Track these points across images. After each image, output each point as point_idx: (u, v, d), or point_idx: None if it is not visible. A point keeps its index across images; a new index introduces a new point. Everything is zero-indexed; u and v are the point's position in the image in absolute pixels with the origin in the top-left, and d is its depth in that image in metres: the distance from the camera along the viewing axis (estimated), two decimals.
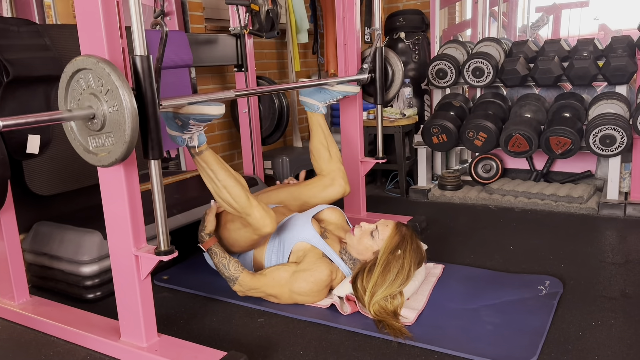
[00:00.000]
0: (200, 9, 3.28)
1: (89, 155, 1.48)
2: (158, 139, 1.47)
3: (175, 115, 1.69)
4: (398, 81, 2.78)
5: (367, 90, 2.81)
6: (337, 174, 2.42)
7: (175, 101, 1.62)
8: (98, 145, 1.45)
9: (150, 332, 1.67)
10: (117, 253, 1.62)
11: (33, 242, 2.23)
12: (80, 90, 1.43)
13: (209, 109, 1.67)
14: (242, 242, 2.03)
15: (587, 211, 3.00)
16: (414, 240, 1.97)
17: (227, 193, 1.86)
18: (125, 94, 1.34)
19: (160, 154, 1.49)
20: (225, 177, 1.85)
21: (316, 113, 2.50)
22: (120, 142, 1.38)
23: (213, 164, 1.84)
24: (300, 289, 1.93)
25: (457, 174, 3.49)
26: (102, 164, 1.45)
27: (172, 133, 1.74)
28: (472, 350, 1.63)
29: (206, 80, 3.39)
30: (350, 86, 2.56)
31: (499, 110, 3.43)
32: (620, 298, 1.96)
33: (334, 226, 2.20)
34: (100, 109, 1.39)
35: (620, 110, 3.01)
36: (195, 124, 1.71)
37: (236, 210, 1.89)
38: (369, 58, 2.68)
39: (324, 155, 2.44)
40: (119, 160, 1.42)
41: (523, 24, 7.33)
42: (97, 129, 1.42)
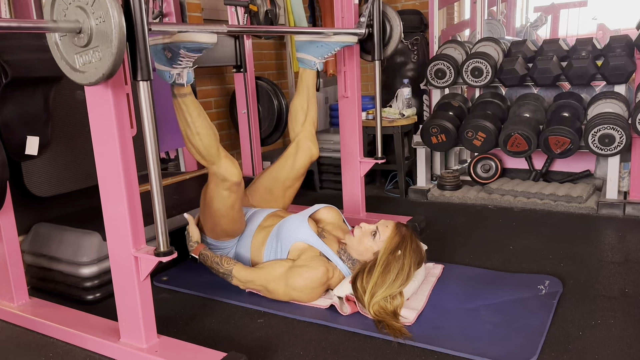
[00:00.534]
0: (199, 10, 3.28)
1: (75, 73, 1.43)
2: (147, 59, 1.44)
3: (165, 45, 1.67)
4: (396, 37, 2.71)
5: (365, 47, 2.75)
6: (304, 136, 2.41)
7: (165, 27, 1.60)
8: (85, 62, 1.40)
9: (149, 333, 1.67)
10: (117, 254, 1.62)
11: (32, 243, 2.23)
12: (67, 5, 1.39)
13: (200, 36, 1.64)
14: (221, 211, 2.01)
15: (587, 211, 3.01)
16: (413, 241, 1.97)
17: (199, 139, 1.87)
18: (112, 3, 1.30)
19: (148, 75, 1.45)
20: (201, 125, 1.87)
21: (307, 70, 2.47)
22: (107, 55, 1.34)
23: (193, 110, 1.85)
24: (295, 284, 1.93)
25: (456, 174, 3.49)
26: (89, 81, 1.40)
27: (160, 67, 1.73)
28: (471, 350, 1.62)
29: (205, 81, 3.39)
30: (347, 36, 2.49)
31: (498, 110, 3.43)
32: (620, 297, 1.96)
33: (331, 226, 2.20)
34: (87, 22, 1.35)
35: (619, 109, 3.01)
36: (186, 55, 1.68)
37: (203, 158, 1.91)
38: (365, 12, 2.62)
39: (300, 118, 2.44)
40: (106, 76, 1.37)
41: (522, 24, 7.34)
42: (83, 44, 1.38)
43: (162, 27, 1.59)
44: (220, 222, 2.05)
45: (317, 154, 2.44)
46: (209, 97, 3.53)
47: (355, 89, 2.78)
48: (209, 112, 3.50)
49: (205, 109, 3.08)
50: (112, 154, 1.52)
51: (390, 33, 2.72)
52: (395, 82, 3.99)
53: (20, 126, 1.96)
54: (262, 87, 3.38)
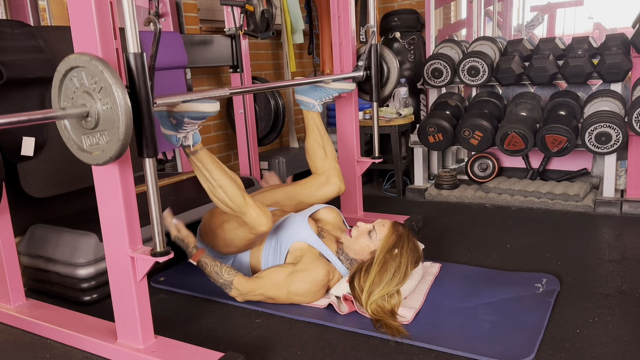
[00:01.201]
0: (195, 10, 3.28)
1: (83, 154, 1.47)
2: (152, 137, 1.46)
3: (170, 113, 1.69)
4: (394, 78, 2.77)
5: (363, 88, 2.81)
6: (332, 173, 2.41)
7: (169, 99, 1.62)
8: (92, 143, 1.44)
9: (147, 334, 1.66)
10: (113, 255, 1.62)
11: (29, 245, 2.22)
12: (74, 89, 1.42)
13: (204, 107, 1.67)
14: (238, 241, 2.02)
15: (584, 209, 3.01)
16: (410, 240, 1.97)
17: (222, 192, 1.85)
18: (119, 91, 1.33)
19: (155, 152, 1.48)
20: (220, 177, 1.85)
21: (312, 111, 2.50)
22: (114, 140, 1.38)
23: (208, 164, 1.83)
24: (298, 289, 1.93)
25: (453, 173, 3.50)
26: (97, 162, 1.44)
27: (166, 132, 1.74)
28: (469, 349, 1.62)
29: (202, 81, 3.39)
30: (346, 83, 2.56)
31: (495, 109, 3.43)
32: (617, 295, 1.97)
33: (330, 226, 2.20)
34: (94, 107, 1.39)
35: (615, 107, 3.01)
36: (190, 122, 1.70)
37: (232, 210, 1.88)
38: (364, 55, 2.68)
39: (319, 154, 2.44)
40: (113, 159, 1.41)
41: (518, 23, 7.35)
42: (91, 127, 1.41)
43: (166, 99, 1.60)
44: (230, 247, 2.07)
45: (344, 190, 2.43)
46: None
47: (352, 96, 2.78)
48: None
49: None
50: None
51: (388, 75, 2.80)
52: None
53: (16, 127, 1.95)
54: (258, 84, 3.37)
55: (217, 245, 2.12)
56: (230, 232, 2.02)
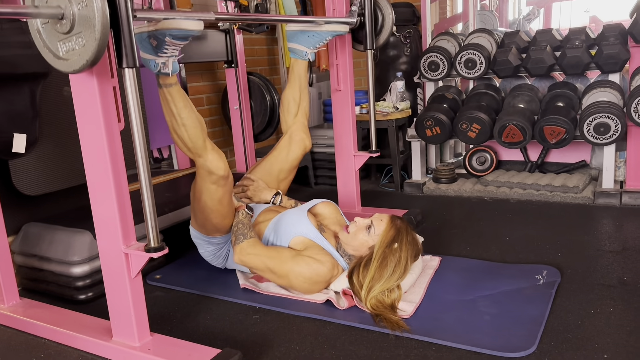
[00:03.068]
0: (189, 5, 3.24)
1: (59, 61, 1.41)
2: (131, 44, 1.40)
3: (150, 33, 1.63)
4: (388, 26, 2.68)
5: (357, 37, 2.72)
6: (297, 128, 2.39)
7: (150, 14, 1.56)
8: (68, 49, 1.37)
9: (142, 332, 1.64)
10: (107, 251, 1.59)
11: (22, 243, 2.20)
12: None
13: (186, 23, 1.61)
14: (210, 203, 1.95)
15: (583, 200, 2.99)
16: (409, 233, 1.94)
17: (184, 131, 1.83)
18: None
19: (134, 62, 1.42)
20: (187, 116, 1.82)
21: (299, 61, 2.44)
22: (90, 41, 1.31)
23: (179, 100, 1.80)
24: (300, 272, 1.89)
25: (451, 167, 3.47)
26: (74, 68, 1.37)
27: (145, 56, 1.69)
28: (470, 342, 1.60)
29: (196, 77, 3.36)
30: (339, 25, 2.46)
31: (492, 102, 3.41)
32: (619, 286, 1.95)
33: (329, 220, 2.17)
34: (69, 8, 1.33)
35: (613, 98, 2.99)
36: (171, 43, 1.64)
37: (189, 150, 1.87)
38: (357, 1, 2.58)
39: (292, 109, 2.42)
40: (90, 62, 1.34)
41: (514, 17, 7.33)
42: (66, 30, 1.35)
43: (147, 13, 1.55)
44: (209, 217, 2.01)
45: (310, 145, 2.42)
46: (201, 94, 3.49)
47: (348, 82, 2.75)
48: (201, 109, 3.47)
49: (197, 106, 3.05)
50: (100, 147, 1.49)
51: (382, 22, 2.69)
52: (389, 75, 3.96)
53: (7, 123, 1.93)
54: (254, 82, 3.34)
55: (201, 224, 2.07)
56: (201, 195, 1.96)
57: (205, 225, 2.06)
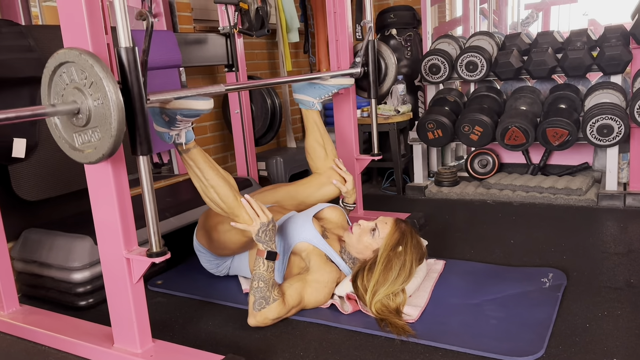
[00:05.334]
0: (189, 10, 3.23)
1: (75, 152, 1.43)
2: (146, 134, 1.42)
3: (162, 110, 1.63)
4: (391, 74, 2.74)
5: (361, 85, 2.77)
6: (333, 172, 2.37)
7: (162, 95, 1.57)
8: (84, 141, 1.39)
9: (144, 338, 1.61)
10: (108, 256, 1.57)
11: (22, 249, 2.17)
12: (64, 85, 1.38)
13: (197, 104, 1.62)
14: (231, 244, 1.98)
15: (587, 203, 2.97)
16: (414, 237, 1.92)
17: (214, 193, 1.80)
18: (110, 85, 1.29)
19: (149, 150, 1.43)
20: (213, 177, 1.79)
21: (311, 110, 2.45)
22: (106, 137, 1.33)
23: (201, 162, 1.78)
24: (316, 301, 1.88)
25: (453, 170, 3.46)
26: (89, 160, 1.40)
27: (159, 129, 1.68)
28: (476, 346, 1.58)
29: (197, 81, 3.34)
30: (344, 79, 2.51)
31: (494, 104, 3.40)
32: (626, 288, 1.92)
33: (334, 225, 2.15)
34: (85, 103, 1.34)
35: (616, 99, 2.98)
36: (183, 120, 1.65)
37: (224, 211, 1.82)
38: (361, 52, 2.64)
39: (320, 154, 2.39)
40: (106, 156, 1.36)
41: (513, 21, 7.34)
42: (82, 124, 1.37)
43: (159, 96, 1.55)
44: (226, 249, 2.04)
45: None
46: None
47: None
48: None
49: None
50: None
51: (386, 71, 2.76)
52: None
53: (7, 128, 1.91)
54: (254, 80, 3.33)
55: (213, 247, 2.07)
56: (224, 234, 1.97)
57: (217, 250, 2.07)
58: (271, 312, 1.77)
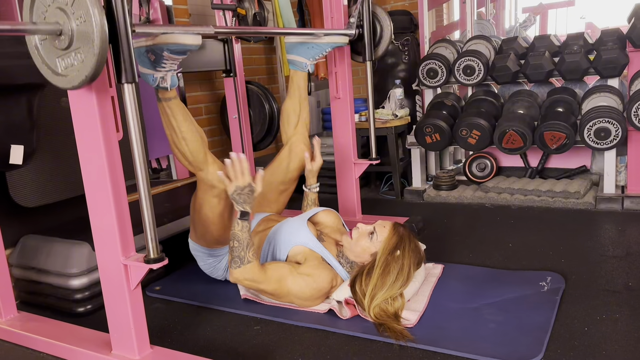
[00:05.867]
0: (187, 15, 3.25)
1: (57, 78, 1.39)
2: (130, 60, 1.39)
3: (148, 48, 1.61)
4: (387, 37, 2.68)
5: (355, 48, 2.72)
6: (297, 139, 2.37)
7: (149, 28, 1.55)
8: (67, 65, 1.35)
9: (142, 344, 1.61)
10: (106, 263, 1.56)
11: (20, 256, 2.17)
12: (46, 6, 1.34)
13: (184, 38, 1.59)
14: (211, 215, 1.94)
15: (585, 206, 2.97)
16: (412, 241, 1.92)
17: (185, 144, 1.81)
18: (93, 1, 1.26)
19: (133, 77, 1.40)
20: (187, 129, 1.80)
21: (298, 72, 2.43)
22: (89, 56, 1.29)
23: (178, 113, 1.78)
24: (300, 292, 1.87)
25: (451, 174, 3.46)
26: (72, 84, 1.36)
27: (143, 71, 1.67)
28: (475, 350, 1.58)
29: (194, 87, 3.35)
30: (338, 37, 2.46)
31: (492, 108, 3.40)
32: (624, 291, 1.92)
33: (330, 229, 2.15)
34: (68, 24, 1.31)
35: (613, 102, 2.98)
36: (170, 58, 1.63)
37: (190, 164, 1.85)
38: (355, 12, 2.59)
39: (293, 120, 2.40)
40: (89, 78, 1.32)
41: (510, 25, 7.36)
42: (64, 46, 1.33)
43: (145, 28, 1.54)
44: (210, 229, 1.99)
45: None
46: (199, 103, 3.48)
47: (347, 90, 2.74)
48: (200, 119, 3.45)
49: (196, 115, 3.03)
50: (98, 158, 1.47)
51: (381, 33, 2.70)
52: (387, 83, 3.96)
53: (4, 135, 1.91)
54: (252, 91, 3.34)
55: (199, 235, 2.05)
56: (202, 208, 1.94)
57: (205, 237, 2.04)
58: (246, 272, 1.82)
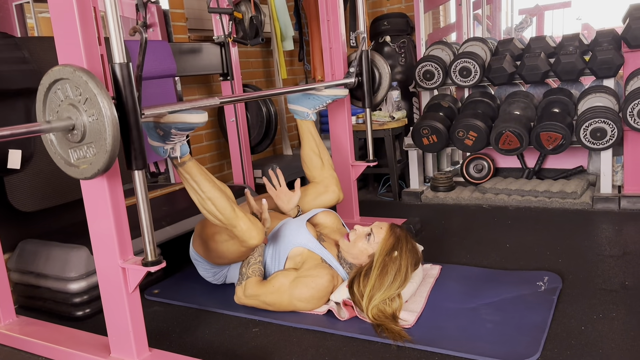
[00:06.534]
0: (183, 20, 3.25)
1: (70, 168, 1.44)
2: (141, 148, 1.43)
3: (157, 124, 1.64)
4: (385, 84, 2.76)
5: (355, 94, 2.79)
6: (331, 181, 2.38)
7: (156, 110, 1.57)
8: (79, 157, 1.41)
9: (141, 347, 1.61)
10: (104, 266, 1.57)
11: (18, 260, 2.17)
12: (59, 102, 1.39)
13: (191, 117, 1.62)
14: (229, 254, 1.98)
15: (582, 206, 2.98)
16: (409, 241, 1.93)
17: (211, 205, 1.80)
18: (105, 101, 1.30)
19: (144, 164, 1.44)
20: (209, 189, 1.79)
21: (306, 120, 2.47)
22: (101, 152, 1.34)
23: (196, 175, 1.78)
24: (301, 295, 1.88)
25: (449, 175, 3.47)
26: (85, 176, 1.41)
27: (153, 144, 1.69)
28: (473, 350, 1.58)
29: (192, 90, 3.35)
30: (339, 89, 2.54)
31: (488, 109, 3.42)
32: (621, 290, 1.93)
33: (329, 230, 2.16)
34: (80, 119, 1.36)
35: (609, 103, 3.00)
36: (177, 134, 1.65)
37: (222, 222, 1.83)
38: (355, 62, 2.66)
39: (316, 163, 2.41)
40: (101, 171, 1.38)
41: (507, 26, 7.38)
42: (77, 140, 1.38)
43: (153, 110, 1.56)
44: (223, 258, 2.04)
45: (342, 199, 2.44)
46: None
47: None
48: None
49: None
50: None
51: (380, 80, 2.78)
52: None
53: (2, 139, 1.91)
54: (248, 92, 3.34)
55: (209, 257, 2.07)
56: (221, 244, 1.97)
57: (213, 260, 2.07)
58: (246, 287, 1.93)
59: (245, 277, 1.94)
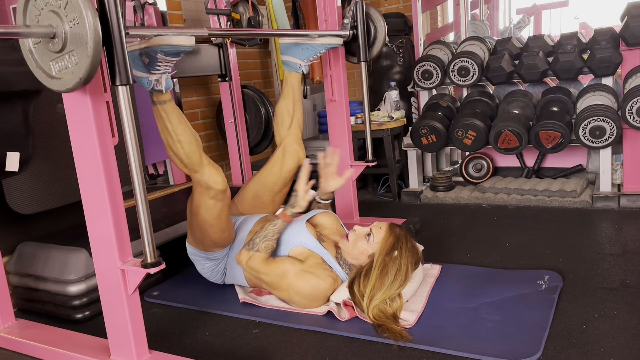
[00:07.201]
0: (181, 21, 3.25)
1: (52, 81, 1.39)
2: (124, 61, 1.39)
3: (142, 51, 1.61)
4: (381, 38, 2.68)
5: (350, 49, 2.72)
6: (291, 140, 2.36)
7: (142, 30, 1.55)
8: (61, 68, 1.36)
9: (141, 349, 1.61)
10: (103, 268, 1.56)
11: (17, 263, 2.17)
12: (39, 9, 1.34)
13: (178, 39, 1.59)
14: (211, 219, 1.94)
15: (581, 205, 2.98)
16: (409, 241, 1.93)
17: (180, 147, 1.81)
18: (85, 2, 1.26)
19: (127, 79, 1.40)
20: (182, 132, 1.80)
21: (293, 73, 2.43)
22: (83, 59, 1.30)
23: (173, 117, 1.78)
24: (300, 288, 1.88)
25: (448, 175, 3.47)
26: (67, 87, 1.36)
27: (138, 74, 1.67)
28: (474, 349, 1.58)
29: (190, 92, 3.35)
30: (332, 38, 2.46)
31: (487, 108, 3.41)
32: (621, 288, 1.93)
33: (329, 230, 2.15)
34: (61, 26, 1.31)
35: (608, 101, 3.00)
36: (164, 60, 1.63)
37: (186, 166, 1.85)
38: (349, 14, 2.59)
39: (286, 122, 2.40)
40: (83, 80, 1.32)
41: (505, 26, 7.39)
42: (58, 49, 1.34)
43: (138, 31, 1.54)
44: (208, 232, 1.99)
45: (304, 157, 2.40)
46: (195, 108, 3.49)
47: (343, 92, 2.75)
48: (196, 123, 3.46)
49: (192, 120, 3.04)
50: (94, 163, 1.47)
51: (375, 34, 2.70)
52: (383, 85, 3.97)
53: (0, 142, 1.91)
54: (248, 95, 3.34)
55: (201, 242, 2.05)
56: (199, 210, 1.94)
57: (203, 241, 2.04)
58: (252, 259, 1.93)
59: (256, 248, 1.94)
